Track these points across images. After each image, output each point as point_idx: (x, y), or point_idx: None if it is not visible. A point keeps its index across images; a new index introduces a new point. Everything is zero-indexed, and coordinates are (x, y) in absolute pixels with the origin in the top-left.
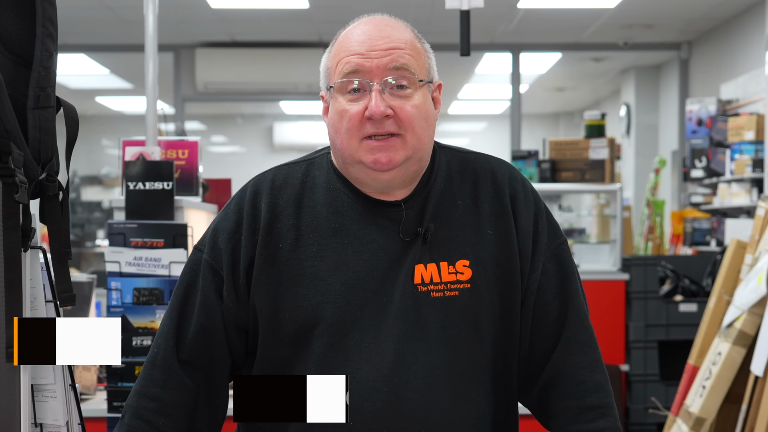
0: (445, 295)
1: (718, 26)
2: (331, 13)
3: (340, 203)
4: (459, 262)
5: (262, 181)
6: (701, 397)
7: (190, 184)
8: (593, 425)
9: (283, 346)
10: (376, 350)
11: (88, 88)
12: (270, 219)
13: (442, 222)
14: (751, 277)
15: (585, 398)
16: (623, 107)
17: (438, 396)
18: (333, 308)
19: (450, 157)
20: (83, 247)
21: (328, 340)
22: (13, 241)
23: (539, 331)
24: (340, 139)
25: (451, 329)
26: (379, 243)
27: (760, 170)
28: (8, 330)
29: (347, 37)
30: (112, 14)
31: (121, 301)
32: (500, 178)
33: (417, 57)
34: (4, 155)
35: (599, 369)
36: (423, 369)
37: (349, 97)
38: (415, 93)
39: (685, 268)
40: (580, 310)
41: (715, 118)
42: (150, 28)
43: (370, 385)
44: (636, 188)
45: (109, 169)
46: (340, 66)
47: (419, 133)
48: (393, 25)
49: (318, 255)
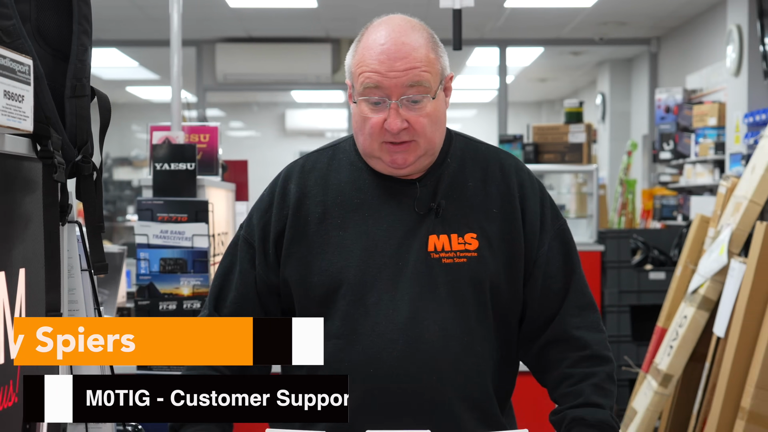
0: (455, 261)
1: (684, 23)
2: (336, 11)
3: (362, 181)
4: (467, 235)
5: (293, 167)
6: (669, 356)
7: (210, 165)
8: (593, 369)
9: (314, 305)
10: (393, 307)
11: (119, 79)
12: (299, 197)
13: (453, 200)
14: (713, 249)
15: (584, 350)
16: (599, 96)
17: (448, 347)
18: (355, 271)
19: (464, 145)
20: (115, 222)
21: (351, 299)
22: (52, 216)
23: (546, 298)
24: (363, 138)
25: (459, 291)
26: (396, 215)
27: (721, 153)
28: (49, 294)
29: (369, 48)
30: (140, 12)
31: (149, 270)
32: (507, 167)
33: (431, 69)
34: (44, 139)
35: (598, 329)
36: (434, 324)
37: (371, 107)
38: (428, 104)
39: (654, 240)
40: (580, 280)
41: (681, 105)
42: (175, 25)
43: (387, 337)
44: (610, 169)
45: (138, 152)
46: (361, 78)
47: (430, 137)
48: (409, 38)
49: (342, 226)
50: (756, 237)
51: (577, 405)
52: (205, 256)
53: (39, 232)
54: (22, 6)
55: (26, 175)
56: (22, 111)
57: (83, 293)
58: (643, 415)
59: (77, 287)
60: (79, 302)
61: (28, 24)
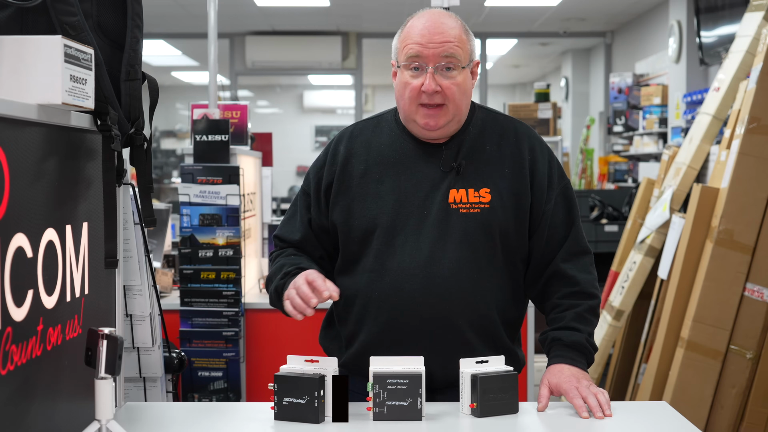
0: (470, 211)
1: (634, 19)
2: (345, 9)
3: (399, 144)
4: (482, 190)
5: (344, 133)
6: (621, 294)
7: (241, 136)
8: (578, 301)
9: (353, 244)
10: (416, 248)
11: (166, 65)
12: (346, 157)
13: (473, 160)
14: (658, 206)
15: (574, 287)
16: (563, 79)
17: (460, 282)
18: (387, 217)
19: (485, 115)
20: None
21: (383, 240)
22: (110, 179)
23: (549, 245)
24: (403, 102)
25: (471, 236)
26: (424, 172)
27: (664, 126)
28: (107, 244)
29: (413, 27)
30: (183, 10)
31: (190, 223)
32: (521, 134)
33: (462, 47)
34: (103, 115)
35: (589, 271)
36: (449, 262)
37: (411, 73)
38: (459, 75)
39: (609, 199)
40: (579, 231)
41: (631, 87)
42: (211, 20)
43: (410, 272)
44: (572, 140)
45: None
46: (405, 49)
47: (458, 104)
48: (447, 21)
49: (379, 180)
50: (693, 196)
51: (557, 328)
52: (236, 212)
53: (99, 192)
54: (85, 5)
55: (88, 145)
56: (85, 92)
57: (135, 243)
58: (599, 343)
59: (131, 238)
60: (132, 251)
61: (90, 20)
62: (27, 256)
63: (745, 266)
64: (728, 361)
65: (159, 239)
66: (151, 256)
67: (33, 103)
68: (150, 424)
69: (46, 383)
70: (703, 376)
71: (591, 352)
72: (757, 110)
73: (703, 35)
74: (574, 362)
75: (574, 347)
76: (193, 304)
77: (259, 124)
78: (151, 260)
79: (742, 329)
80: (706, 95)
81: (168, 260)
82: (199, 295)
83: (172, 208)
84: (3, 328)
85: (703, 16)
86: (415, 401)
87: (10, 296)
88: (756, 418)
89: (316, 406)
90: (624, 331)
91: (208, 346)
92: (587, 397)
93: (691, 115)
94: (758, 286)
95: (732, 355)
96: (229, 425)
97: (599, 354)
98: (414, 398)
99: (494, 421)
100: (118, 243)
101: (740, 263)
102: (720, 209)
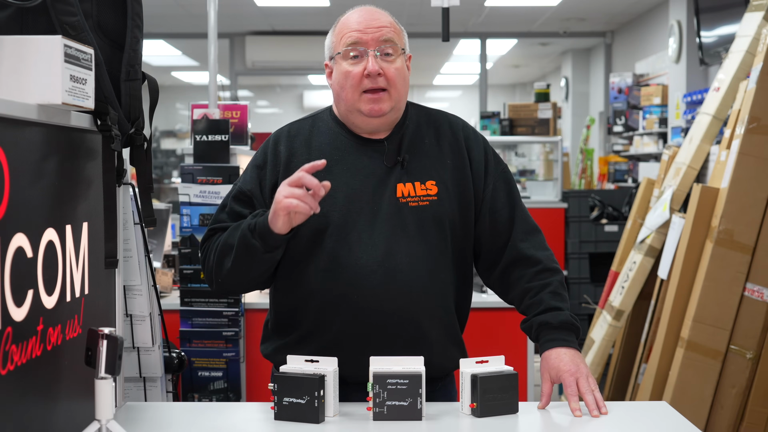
0: (419, 204)
1: (634, 19)
2: (346, 9)
3: (340, 141)
4: (428, 182)
5: (280, 133)
6: (621, 294)
7: (241, 136)
8: (547, 280)
9: (302, 244)
10: (371, 244)
11: (166, 65)
12: (288, 157)
13: (414, 154)
14: (658, 206)
15: (537, 265)
16: (563, 79)
17: (418, 275)
18: (338, 214)
19: (418, 111)
20: (162, 183)
21: (336, 237)
22: (110, 179)
23: (496, 229)
24: (345, 93)
25: (424, 229)
26: (370, 168)
27: (664, 126)
28: (107, 244)
29: (347, 21)
30: (183, 10)
31: (190, 223)
32: (455, 126)
33: (398, 34)
34: (103, 115)
35: (545, 247)
36: (406, 257)
37: (351, 61)
38: (397, 59)
39: (609, 199)
40: (523, 211)
41: (631, 87)
42: (211, 20)
43: (368, 269)
44: (572, 140)
45: (181, 126)
46: (343, 39)
47: (399, 89)
48: (380, 12)
49: (325, 178)
50: (693, 196)
51: (540, 312)
52: None
53: (99, 192)
54: (85, 5)
55: (88, 145)
56: (85, 92)
57: (135, 243)
58: (599, 344)
59: (131, 238)
60: (132, 251)
61: (90, 20)
62: (27, 256)
63: (745, 266)
64: (728, 361)
65: (159, 239)
66: (151, 256)
67: (33, 103)
68: (150, 424)
69: (46, 383)
70: (703, 376)
71: (578, 327)
72: (757, 110)
73: (703, 35)
74: (567, 343)
75: (564, 327)
76: (193, 304)
77: (259, 124)
78: (151, 260)
79: (742, 329)
80: (706, 95)
81: (168, 260)
82: (199, 295)
83: (172, 208)
84: (3, 328)
85: (703, 16)
86: (415, 401)
87: (10, 296)
88: (756, 418)
89: (316, 406)
90: (624, 331)
91: (208, 346)
92: (585, 395)
93: (691, 115)
94: (758, 286)
95: (732, 355)
96: (229, 425)
97: (599, 354)
98: (414, 398)
99: (494, 421)
100: (118, 243)
101: (740, 263)
102: (720, 209)
